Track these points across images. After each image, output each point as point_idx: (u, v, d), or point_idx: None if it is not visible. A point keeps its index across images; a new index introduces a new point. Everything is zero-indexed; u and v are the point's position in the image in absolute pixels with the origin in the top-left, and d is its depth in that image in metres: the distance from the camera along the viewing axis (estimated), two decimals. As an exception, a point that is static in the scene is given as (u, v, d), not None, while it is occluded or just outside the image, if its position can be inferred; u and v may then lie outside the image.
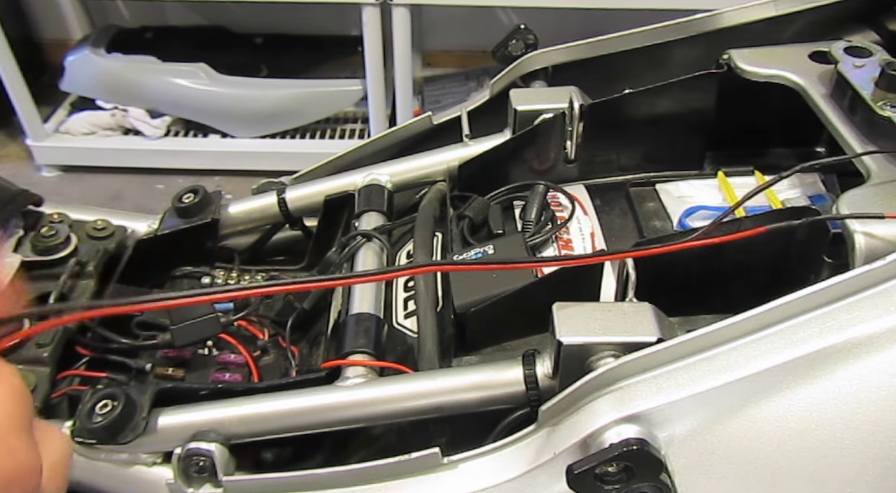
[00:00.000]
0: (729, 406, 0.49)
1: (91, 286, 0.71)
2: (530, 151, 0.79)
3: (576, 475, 0.46)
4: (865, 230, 0.53)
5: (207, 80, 2.04)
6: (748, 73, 0.73)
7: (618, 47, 0.82)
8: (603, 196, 0.79)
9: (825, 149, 0.83)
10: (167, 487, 0.56)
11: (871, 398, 0.49)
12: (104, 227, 0.77)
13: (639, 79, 0.78)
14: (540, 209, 0.73)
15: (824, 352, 0.49)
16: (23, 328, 0.40)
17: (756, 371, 0.49)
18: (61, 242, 0.73)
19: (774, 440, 0.50)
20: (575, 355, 0.51)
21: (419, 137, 0.88)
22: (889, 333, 0.49)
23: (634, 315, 0.52)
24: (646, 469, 0.46)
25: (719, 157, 0.82)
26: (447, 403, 0.56)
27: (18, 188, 0.77)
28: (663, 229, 0.74)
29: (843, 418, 0.49)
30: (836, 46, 0.68)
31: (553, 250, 0.71)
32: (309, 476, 0.54)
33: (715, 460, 0.50)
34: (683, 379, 0.49)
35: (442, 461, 0.52)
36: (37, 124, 2.15)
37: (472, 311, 0.61)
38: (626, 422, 0.48)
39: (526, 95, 0.81)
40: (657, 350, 0.49)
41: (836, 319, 0.49)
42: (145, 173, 2.19)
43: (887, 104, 0.61)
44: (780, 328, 0.50)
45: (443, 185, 0.80)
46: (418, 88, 2.26)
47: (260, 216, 0.83)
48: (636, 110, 0.78)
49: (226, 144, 2.18)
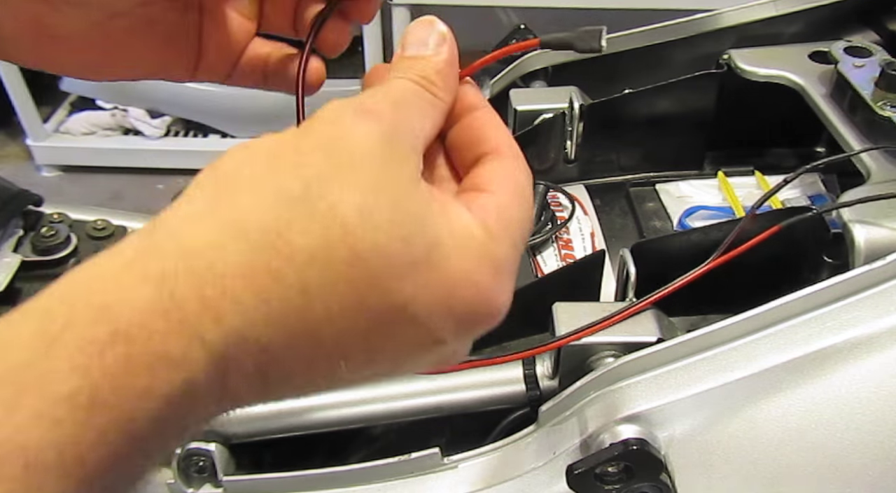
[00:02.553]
0: (729, 406, 0.49)
1: (91, 286, 0.71)
2: (530, 150, 0.79)
3: (576, 475, 0.46)
4: (866, 230, 0.53)
5: (207, 80, 2.04)
6: (748, 74, 0.73)
7: (618, 47, 0.82)
8: (603, 196, 0.79)
9: (825, 149, 0.83)
10: (167, 487, 0.56)
11: (871, 398, 0.49)
12: (104, 227, 0.77)
13: (639, 79, 0.78)
14: (540, 209, 0.73)
15: (824, 352, 0.49)
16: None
17: (756, 371, 0.49)
18: (61, 242, 0.73)
19: (774, 439, 0.50)
20: (575, 355, 0.51)
21: (419, 137, 0.88)
22: (889, 333, 0.49)
23: (634, 315, 0.52)
24: (646, 469, 0.46)
25: (719, 157, 0.82)
26: (447, 403, 0.56)
27: (18, 188, 0.77)
28: (663, 229, 0.74)
29: (843, 418, 0.49)
30: (836, 46, 0.68)
31: (553, 249, 0.71)
32: (309, 476, 0.54)
33: (715, 460, 0.50)
34: (683, 379, 0.49)
35: (442, 461, 0.52)
36: (37, 124, 2.15)
37: (472, 311, 0.61)
38: (626, 422, 0.48)
39: (526, 94, 0.81)
40: (657, 350, 0.49)
41: (836, 319, 0.49)
42: (145, 173, 2.20)
43: (887, 104, 0.61)
44: (780, 328, 0.50)
45: (443, 185, 0.80)
46: (418, 88, 2.26)
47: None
48: (636, 110, 0.78)
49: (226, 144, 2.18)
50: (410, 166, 0.28)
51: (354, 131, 0.27)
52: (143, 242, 0.25)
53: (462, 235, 0.28)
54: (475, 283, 0.28)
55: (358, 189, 0.26)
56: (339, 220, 0.25)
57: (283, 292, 0.24)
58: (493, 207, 0.29)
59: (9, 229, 0.73)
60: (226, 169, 0.27)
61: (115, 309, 0.23)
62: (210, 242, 0.24)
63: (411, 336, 0.27)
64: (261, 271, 0.24)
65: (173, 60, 0.39)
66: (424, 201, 0.27)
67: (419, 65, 0.32)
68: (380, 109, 0.28)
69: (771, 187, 0.74)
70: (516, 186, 0.31)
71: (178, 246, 0.24)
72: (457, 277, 0.27)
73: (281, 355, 0.25)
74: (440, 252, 0.27)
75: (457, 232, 0.28)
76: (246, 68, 0.41)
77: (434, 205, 0.28)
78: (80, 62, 0.37)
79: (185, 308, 0.23)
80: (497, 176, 0.31)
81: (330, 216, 0.25)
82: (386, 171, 0.27)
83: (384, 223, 0.26)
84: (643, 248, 0.58)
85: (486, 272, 0.28)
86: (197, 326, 0.23)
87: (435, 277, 0.27)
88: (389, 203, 0.26)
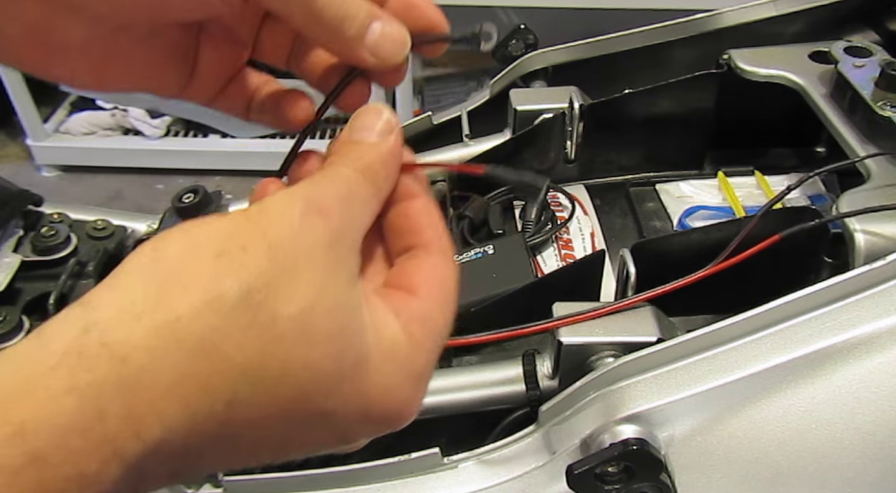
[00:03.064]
0: (729, 406, 0.49)
1: (91, 286, 0.71)
2: (530, 150, 0.79)
3: (576, 475, 0.46)
4: (866, 230, 0.53)
5: (207, 80, 2.04)
6: (748, 74, 0.73)
7: (618, 47, 0.82)
8: (603, 196, 0.79)
9: (825, 149, 0.83)
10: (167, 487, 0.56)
11: (871, 398, 0.49)
12: (104, 227, 0.77)
13: (639, 79, 0.78)
14: (540, 209, 0.73)
15: (824, 352, 0.49)
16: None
17: (756, 371, 0.49)
18: (61, 242, 0.73)
19: (774, 440, 0.50)
20: (575, 355, 0.51)
21: (419, 137, 0.88)
22: (889, 333, 0.49)
23: (634, 315, 0.52)
24: (646, 469, 0.46)
25: (719, 157, 0.82)
26: (447, 403, 0.56)
27: (18, 188, 0.77)
28: (663, 229, 0.74)
29: (843, 418, 0.49)
30: (836, 46, 0.68)
31: (553, 249, 0.71)
32: (309, 476, 0.54)
33: (715, 460, 0.50)
34: (683, 379, 0.49)
35: (442, 461, 0.52)
36: (37, 124, 2.15)
37: (472, 311, 0.61)
38: (626, 422, 0.48)
39: (526, 95, 0.81)
40: (657, 350, 0.49)
41: (836, 319, 0.49)
42: (145, 173, 2.20)
43: (887, 104, 0.61)
44: (780, 328, 0.50)
45: (443, 185, 0.80)
46: (418, 88, 2.26)
47: (260, 216, 0.83)
48: (636, 110, 0.78)
49: (226, 144, 2.18)
50: (349, 270, 0.29)
51: (302, 232, 0.27)
52: (73, 342, 0.23)
53: (388, 346, 0.29)
54: (395, 397, 0.29)
55: (298, 299, 0.26)
56: (276, 334, 0.25)
57: (209, 403, 0.25)
58: (419, 315, 0.30)
59: (9, 229, 0.73)
60: (169, 260, 0.26)
61: (33, 428, 0.22)
62: (144, 347, 0.24)
63: (326, 435, 0.29)
64: (191, 382, 0.24)
65: (166, 77, 0.39)
66: (358, 312, 0.28)
67: (364, 153, 0.32)
68: (328, 207, 0.29)
69: (771, 188, 0.74)
70: (443, 289, 0.32)
71: (109, 353, 0.23)
72: (379, 390, 0.29)
73: (196, 458, 0.26)
74: (367, 367, 0.28)
75: (384, 344, 0.29)
76: (232, 94, 0.41)
77: (365, 314, 0.28)
78: (73, 71, 0.36)
79: (107, 424, 0.23)
80: (426, 277, 0.32)
81: (268, 330, 0.25)
82: (327, 278, 0.27)
83: (319, 340, 0.26)
84: (643, 248, 0.58)
85: (406, 387, 0.30)
86: (117, 442, 0.23)
87: (359, 391, 0.28)
88: (327, 317, 0.27)
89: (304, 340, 0.26)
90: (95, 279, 0.72)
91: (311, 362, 0.26)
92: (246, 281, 0.25)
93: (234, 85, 0.41)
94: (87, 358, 0.23)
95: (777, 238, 0.54)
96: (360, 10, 0.33)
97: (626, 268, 0.56)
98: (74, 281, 0.71)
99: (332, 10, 0.33)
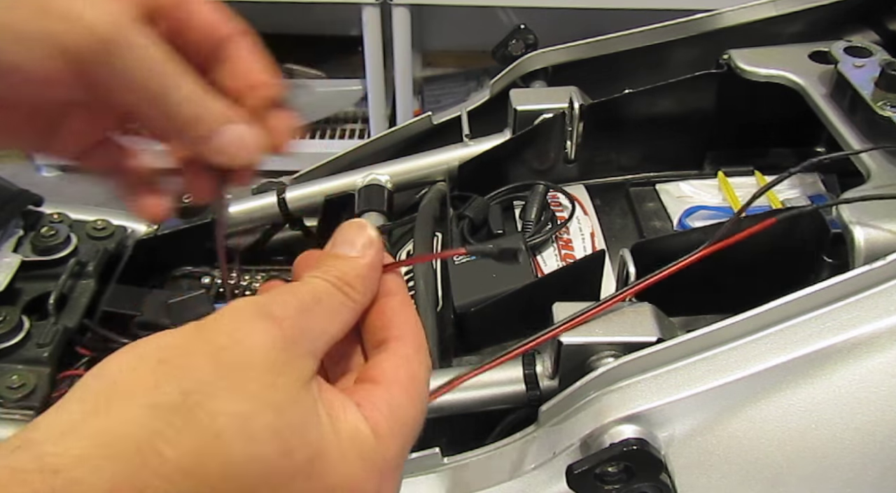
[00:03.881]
0: (729, 406, 0.49)
1: (91, 286, 0.71)
2: (530, 150, 0.79)
3: (576, 474, 0.46)
4: (865, 230, 0.53)
5: (207, 79, 2.04)
6: (748, 74, 0.73)
7: (618, 47, 0.82)
8: (603, 196, 0.79)
9: (825, 149, 0.83)
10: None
11: (871, 398, 0.49)
12: (104, 227, 0.77)
13: (639, 79, 0.78)
14: (540, 209, 0.73)
15: (824, 352, 0.49)
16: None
17: (756, 371, 0.49)
18: (61, 242, 0.73)
19: (774, 440, 0.50)
20: (575, 355, 0.51)
21: (419, 137, 0.88)
22: (889, 333, 0.49)
23: (634, 315, 0.52)
24: (646, 469, 0.46)
25: (719, 157, 0.82)
26: (447, 403, 0.56)
27: (18, 188, 0.77)
28: (663, 229, 0.74)
29: (843, 418, 0.49)
30: (836, 46, 0.68)
31: (553, 249, 0.71)
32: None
33: (715, 460, 0.50)
34: (683, 379, 0.49)
35: (442, 461, 0.52)
36: (37, 124, 2.14)
37: (473, 311, 0.61)
38: (626, 422, 0.48)
39: (526, 95, 0.81)
40: (657, 350, 0.49)
41: (836, 319, 0.49)
42: (145, 173, 2.19)
43: (887, 104, 0.61)
44: (780, 328, 0.50)
45: (443, 185, 0.80)
46: (418, 88, 2.26)
47: (260, 216, 0.83)
48: (636, 110, 0.78)
49: (225, 144, 2.18)
50: (303, 370, 0.28)
51: (250, 335, 0.27)
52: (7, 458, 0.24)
53: (349, 439, 0.28)
54: (361, 489, 0.29)
55: (240, 397, 0.26)
56: (213, 430, 0.25)
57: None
58: (384, 405, 0.30)
59: (9, 229, 0.73)
60: (111, 376, 0.26)
61: None
62: (76, 457, 0.24)
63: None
64: (126, 488, 0.24)
65: (23, 138, 0.39)
66: (311, 409, 0.28)
67: (342, 265, 0.32)
68: (282, 315, 0.29)
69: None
70: (411, 379, 0.32)
71: (40, 466, 0.23)
72: (344, 482, 0.28)
73: None
74: (323, 462, 0.27)
75: (344, 438, 0.28)
76: (96, 158, 0.42)
77: (321, 411, 0.28)
78: None
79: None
80: (393, 366, 0.32)
81: (204, 427, 0.25)
82: (275, 377, 0.27)
83: (265, 434, 0.26)
84: (643, 248, 0.58)
85: (372, 479, 0.29)
86: None
87: (316, 487, 0.27)
88: (273, 412, 0.26)
89: (244, 435, 0.26)
90: (95, 279, 0.72)
91: (256, 457, 0.26)
92: (185, 383, 0.26)
93: (101, 149, 0.42)
94: (20, 473, 0.23)
95: (773, 221, 0.53)
96: (212, 112, 0.34)
97: (626, 268, 0.56)
98: (74, 281, 0.71)
99: (186, 111, 0.34)
